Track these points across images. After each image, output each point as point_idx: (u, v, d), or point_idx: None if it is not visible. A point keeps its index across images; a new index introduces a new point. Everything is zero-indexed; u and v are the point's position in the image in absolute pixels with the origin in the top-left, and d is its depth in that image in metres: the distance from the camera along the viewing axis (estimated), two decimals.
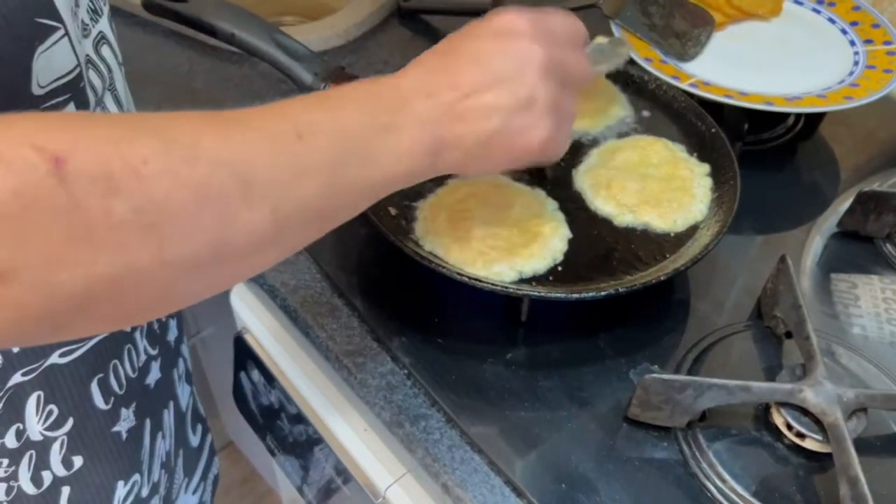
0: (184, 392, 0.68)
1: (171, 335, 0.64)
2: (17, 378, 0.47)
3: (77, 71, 0.43)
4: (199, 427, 0.72)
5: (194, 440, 0.71)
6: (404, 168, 0.41)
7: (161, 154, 0.31)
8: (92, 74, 0.47)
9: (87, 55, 0.46)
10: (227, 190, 0.33)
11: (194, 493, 0.72)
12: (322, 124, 0.38)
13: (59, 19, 0.40)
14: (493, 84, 0.43)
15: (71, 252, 0.29)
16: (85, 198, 0.29)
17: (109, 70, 0.49)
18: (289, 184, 0.36)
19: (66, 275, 0.29)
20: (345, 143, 0.39)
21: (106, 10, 0.49)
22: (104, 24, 0.48)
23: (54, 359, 0.48)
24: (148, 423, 0.59)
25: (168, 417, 0.63)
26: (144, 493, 0.60)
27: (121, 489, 0.57)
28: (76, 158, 0.29)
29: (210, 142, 0.34)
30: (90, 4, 0.46)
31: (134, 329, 0.55)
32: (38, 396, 0.48)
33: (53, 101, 0.42)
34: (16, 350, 0.46)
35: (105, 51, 0.48)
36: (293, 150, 0.36)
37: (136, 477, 0.58)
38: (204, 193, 0.32)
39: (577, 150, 0.66)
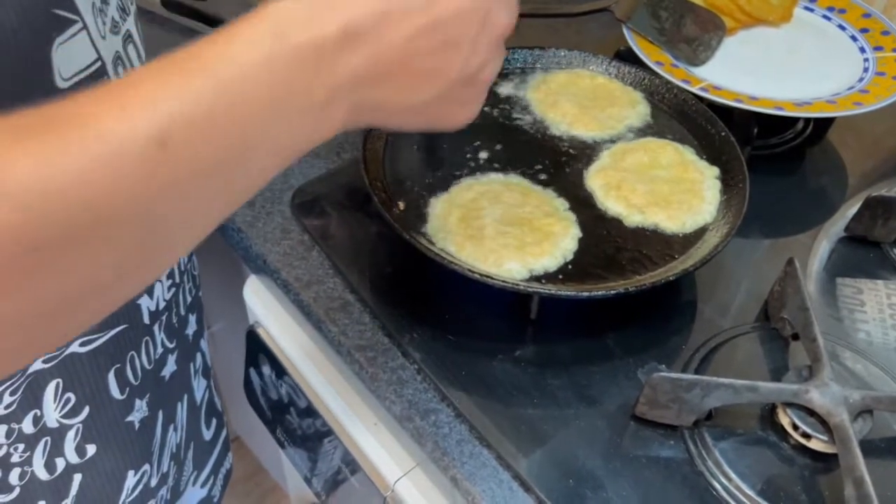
0: (199, 386, 0.68)
1: (190, 329, 0.64)
2: (37, 365, 0.47)
3: (97, 65, 0.44)
4: (214, 421, 0.73)
5: (207, 434, 0.72)
6: (300, 148, 0.33)
7: None
8: (121, 72, 0.47)
9: (118, 51, 0.46)
10: (60, 231, 0.26)
11: (203, 486, 0.73)
12: (195, 121, 0.28)
13: (77, 12, 0.40)
14: (442, 45, 0.34)
15: None
16: None
17: (133, 68, 0.49)
18: (147, 206, 0.27)
19: None
20: (225, 138, 0.29)
21: (133, 9, 0.50)
22: (131, 23, 0.49)
23: (74, 347, 0.49)
24: (161, 414, 0.60)
25: (181, 410, 0.64)
26: (153, 483, 0.61)
27: (131, 478, 0.58)
28: None
29: (31, 167, 0.25)
30: (119, 2, 0.47)
31: (153, 322, 0.56)
32: (58, 384, 0.49)
33: None
34: None
35: (130, 49, 0.49)
36: (153, 163, 0.27)
37: (147, 467, 0.59)
38: (25, 241, 0.25)
39: (589, 151, 0.67)
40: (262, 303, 0.68)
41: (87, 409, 0.52)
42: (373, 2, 0.32)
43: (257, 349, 0.68)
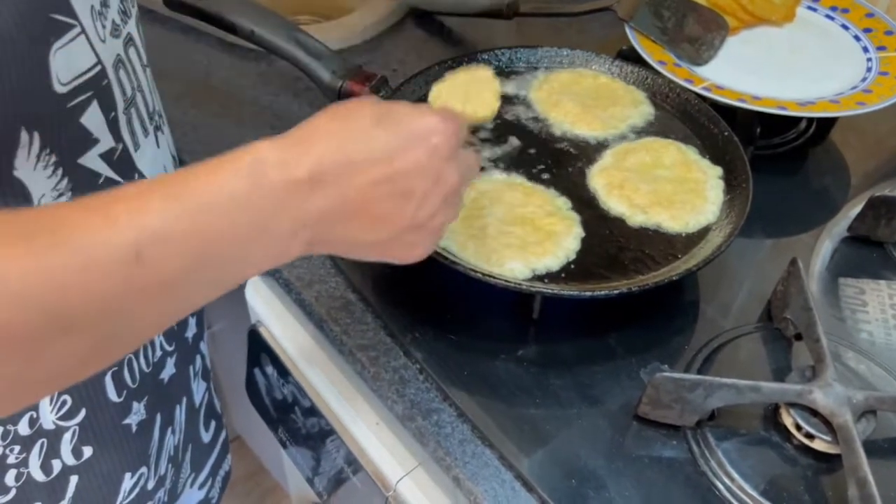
0: (199, 388, 0.68)
1: (190, 332, 0.64)
2: None
3: (97, 69, 0.43)
4: (213, 423, 0.73)
5: (206, 436, 0.71)
6: (269, 265, 0.37)
7: None
8: (122, 74, 0.47)
9: (118, 54, 0.46)
10: (35, 329, 0.29)
11: (201, 488, 0.73)
12: (173, 238, 0.32)
13: (75, 17, 0.40)
14: (397, 195, 0.38)
15: None
16: None
17: (134, 71, 0.49)
18: (120, 308, 0.31)
19: None
20: (200, 255, 0.33)
21: (134, 11, 0.50)
22: (132, 26, 0.49)
23: None
24: (158, 417, 0.60)
25: (180, 413, 0.64)
26: (150, 485, 0.61)
27: (127, 481, 0.57)
28: None
29: (19, 273, 0.29)
30: (120, 5, 0.47)
31: None
32: None
33: (77, 100, 0.42)
34: None
35: (132, 52, 0.49)
36: (127, 273, 0.31)
37: (144, 469, 0.59)
38: (4, 335, 0.28)
39: (592, 151, 0.67)
40: (263, 302, 0.68)
41: (83, 412, 0.52)
42: (340, 150, 0.37)
43: (259, 349, 0.68)
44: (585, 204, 0.62)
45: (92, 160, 0.46)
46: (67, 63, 0.40)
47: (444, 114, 0.40)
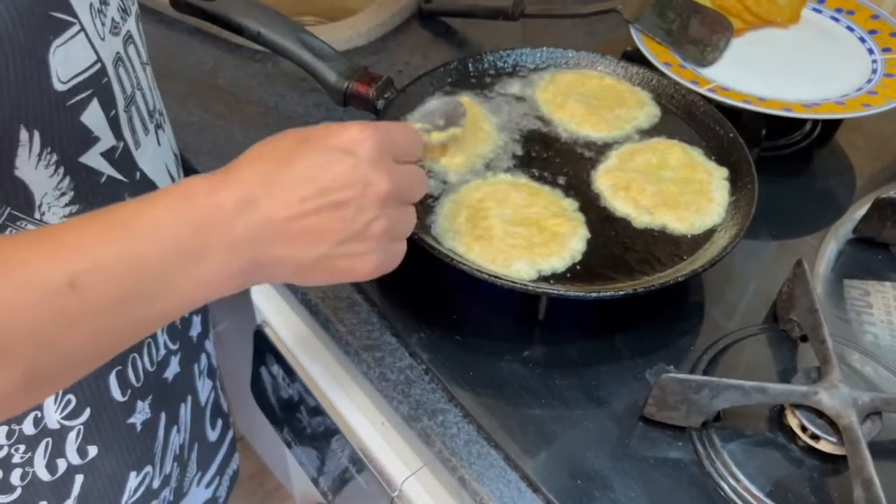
0: (204, 387, 0.68)
1: (194, 331, 0.64)
2: None
3: (97, 67, 0.44)
4: (220, 422, 0.73)
5: (212, 435, 0.72)
6: (205, 296, 0.38)
7: None
8: (122, 72, 0.47)
9: (118, 52, 0.46)
10: None
11: (207, 486, 0.73)
12: (106, 265, 0.34)
13: (74, 15, 0.41)
14: (328, 207, 0.39)
15: None
16: None
17: (134, 69, 0.49)
18: (52, 337, 0.33)
19: None
20: (132, 282, 0.34)
21: (134, 9, 0.50)
22: (131, 24, 0.49)
23: None
24: (163, 416, 0.60)
25: (185, 411, 0.64)
26: (156, 484, 0.61)
27: (133, 480, 0.58)
28: None
29: None
30: (120, 3, 0.47)
31: None
32: None
33: (77, 98, 0.42)
34: None
35: (131, 50, 0.49)
36: (62, 302, 0.32)
37: (149, 468, 0.59)
38: None
39: (597, 152, 0.67)
40: (269, 302, 0.68)
41: (87, 411, 0.52)
42: (265, 173, 0.38)
43: (265, 349, 0.68)
44: (591, 205, 0.62)
45: (93, 159, 0.46)
46: (67, 61, 0.41)
47: (364, 124, 0.41)
